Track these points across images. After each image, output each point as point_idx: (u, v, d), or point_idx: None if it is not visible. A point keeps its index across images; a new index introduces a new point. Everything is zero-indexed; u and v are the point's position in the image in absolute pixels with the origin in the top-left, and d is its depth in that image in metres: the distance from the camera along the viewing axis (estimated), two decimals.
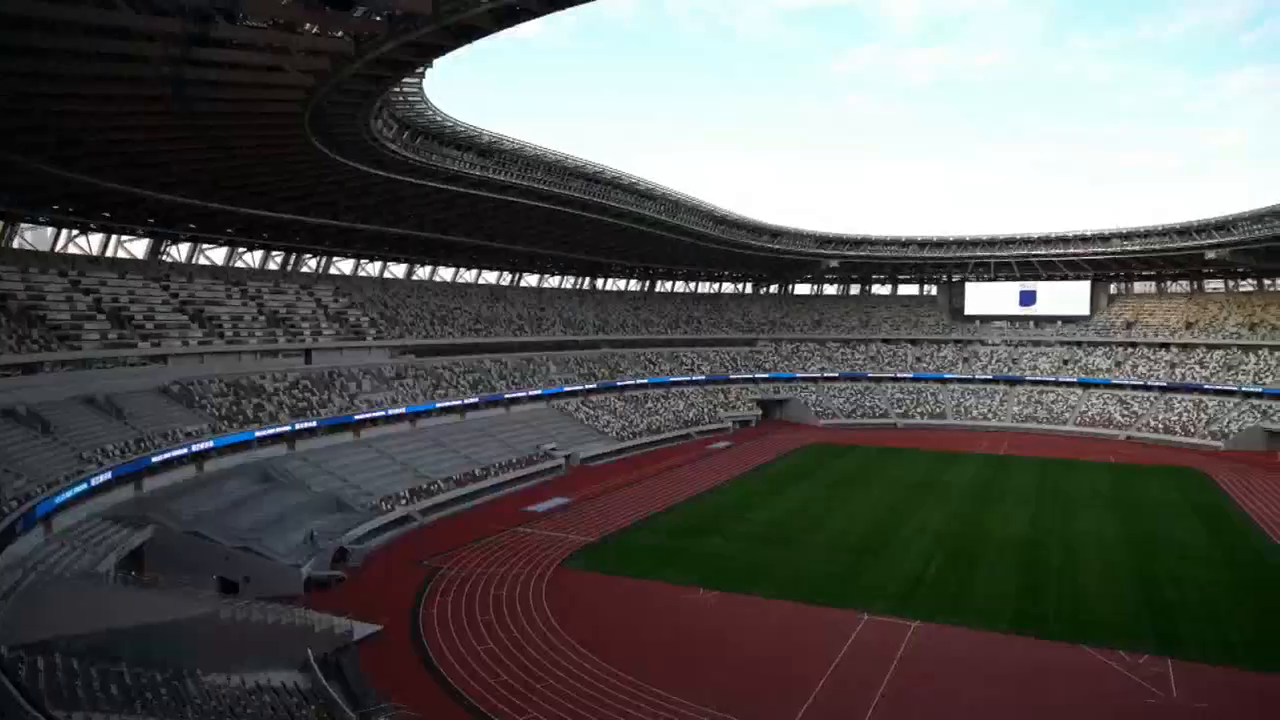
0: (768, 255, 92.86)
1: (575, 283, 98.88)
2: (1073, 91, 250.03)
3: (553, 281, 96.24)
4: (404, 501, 49.75)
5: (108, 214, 50.67)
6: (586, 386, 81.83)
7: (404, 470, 54.53)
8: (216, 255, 61.53)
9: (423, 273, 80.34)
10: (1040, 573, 39.11)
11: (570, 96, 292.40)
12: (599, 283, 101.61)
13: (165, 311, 52.31)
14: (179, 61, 27.05)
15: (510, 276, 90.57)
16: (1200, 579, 38.07)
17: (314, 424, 53.89)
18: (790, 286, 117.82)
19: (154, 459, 41.67)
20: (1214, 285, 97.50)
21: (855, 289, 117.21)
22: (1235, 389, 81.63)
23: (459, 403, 66.83)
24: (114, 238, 54.26)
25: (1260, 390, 79.56)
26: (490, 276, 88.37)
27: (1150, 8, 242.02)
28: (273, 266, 65.57)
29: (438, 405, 64.63)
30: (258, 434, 49.63)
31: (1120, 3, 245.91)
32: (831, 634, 31.48)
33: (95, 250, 53.76)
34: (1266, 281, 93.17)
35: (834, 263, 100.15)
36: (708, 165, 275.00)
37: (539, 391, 75.82)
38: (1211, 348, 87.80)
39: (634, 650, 29.97)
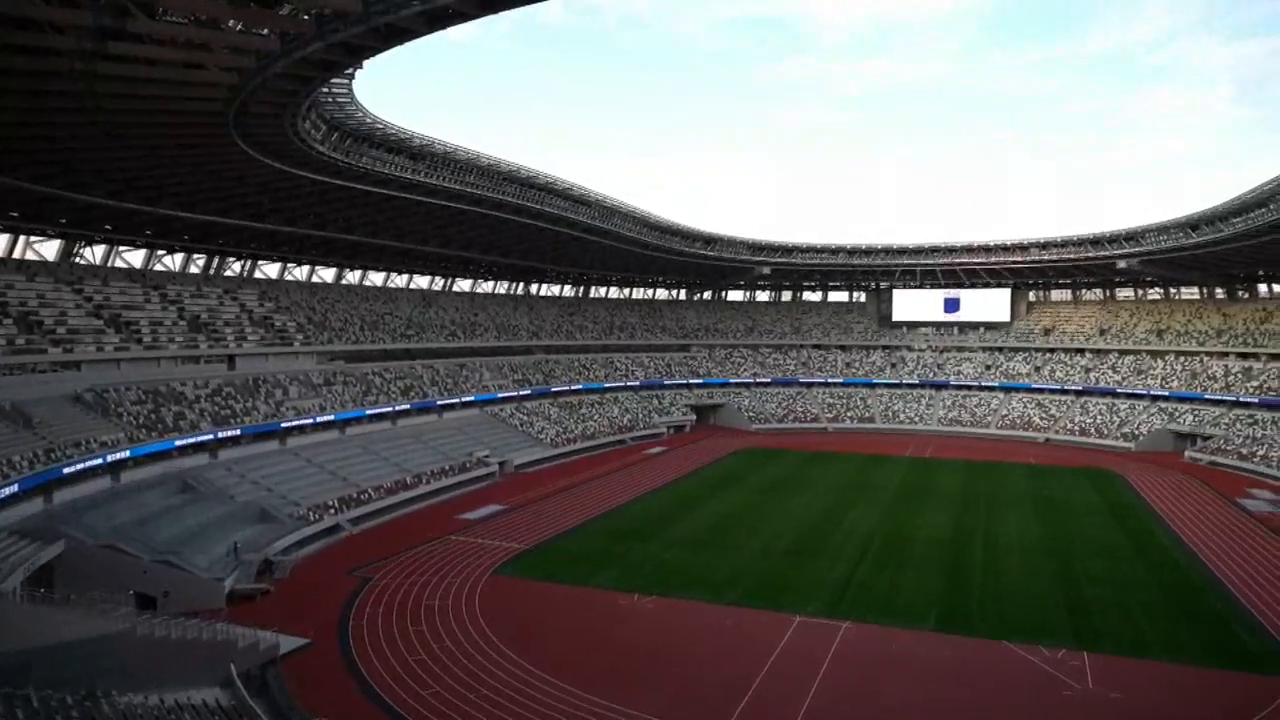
0: (702, 262, 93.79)
1: (509, 288, 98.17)
2: (997, 105, 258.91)
3: (486, 287, 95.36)
4: (333, 511, 48.60)
5: (15, 214, 48.37)
6: (521, 392, 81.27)
7: (333, 479, 53.30)
8: (134, 258, 59.40)
9: (353, 277, 78.79)
10: (965, 572, 40.28)
11: (504, 101, 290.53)
12: (533, 288, 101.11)
13: (78, 316, 50.15)
14: (92, 56, 26.00)
15: (443, 281, 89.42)
16: (1114, 575, 39.70)
17: (238, 432, 52.29)
18: (724, 293, 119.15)
19: (65, 470, 39.87)
20: (1125, 294, 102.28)
21: (787, 295, 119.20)
22: (1144, 393, 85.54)
23: (390, 409, 65.65)
24: (22, 238, 51.80)
25: (1167, 394, 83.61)
26: (422, 281, 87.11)
27: (1068, 26, 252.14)
28: (194, 270, 63.47)
29: (368, 412, 63.37)
30: (178, 443, 47.93)
31: (1040, 21, 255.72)
32: (766, 636, 31.83)
33: (1, 252, 51.27)
34: (1173, 290, 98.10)
35: (766, 270, 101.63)
36: (642, 172, 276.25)
37: (472, 398, 75.00)
38: (1123, 353, 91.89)
39: (570, 657, 29.82)
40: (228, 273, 65.83)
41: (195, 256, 63.04)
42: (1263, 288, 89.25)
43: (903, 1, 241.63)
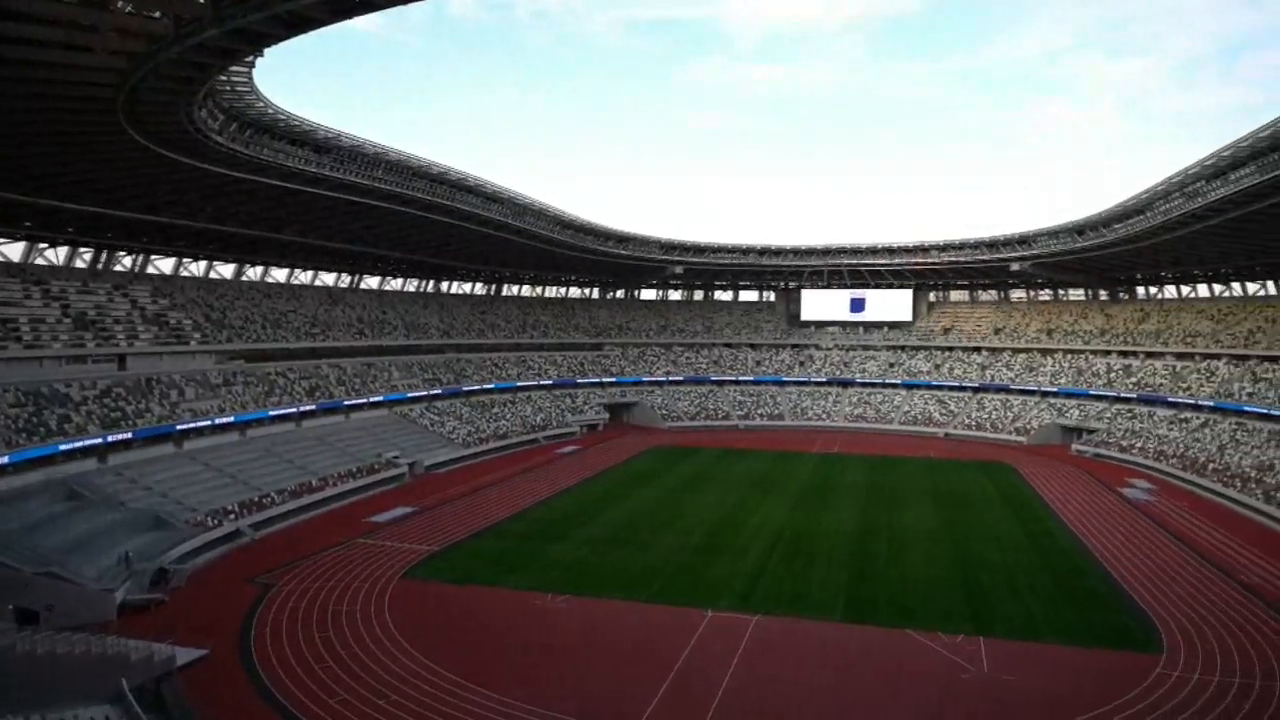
0: (615, 261, 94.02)
1: (419, 285, 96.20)
2: (899, 112, 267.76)
3: (395, 284, 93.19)
4: (233, 516, 46.77)
5: None
6: (431, 392, 79.85)
7: (233, 483, 51.29)
8: (12, 251, 55.66)
9: (253, 273, 75.80)
10: (870, 564, 41.59)
11: (414, 98, 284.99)
12: (444, 286, 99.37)
13: None
14: None
15: (350, 278, 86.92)
16: (1008, 563, 41.66)
17: (129, 435, 49.75)
18: (637, 291, 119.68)
19: None
20: (1018, 295, 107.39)
21: (699, 295, 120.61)
22: (1035, 389, 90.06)
23: (294, 410, 63.57)
24: None
25: (1056, 390, 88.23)
26: (328, 278, 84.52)
27: (963, 40, 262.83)
28: (81, 264, 59.95)
29: (271, 413, 61.21)
30: (62, 447, 45.24)
31: (936, 32, 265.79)
32: (679, 632, 32.18)
33: None
34: (1061, 292, 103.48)
35: (679, 269, 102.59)
36: (554, 170, 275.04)
37: (381, 398, 73.31)
38: (1016, 351, 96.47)
39: (482, 659, 29.52)
40: (118, 268, 62.37)
41: (81, 250, 59.56)
42: (1141, 290, 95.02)
43: (807, 9, 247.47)
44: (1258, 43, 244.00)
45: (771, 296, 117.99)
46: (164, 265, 66.56)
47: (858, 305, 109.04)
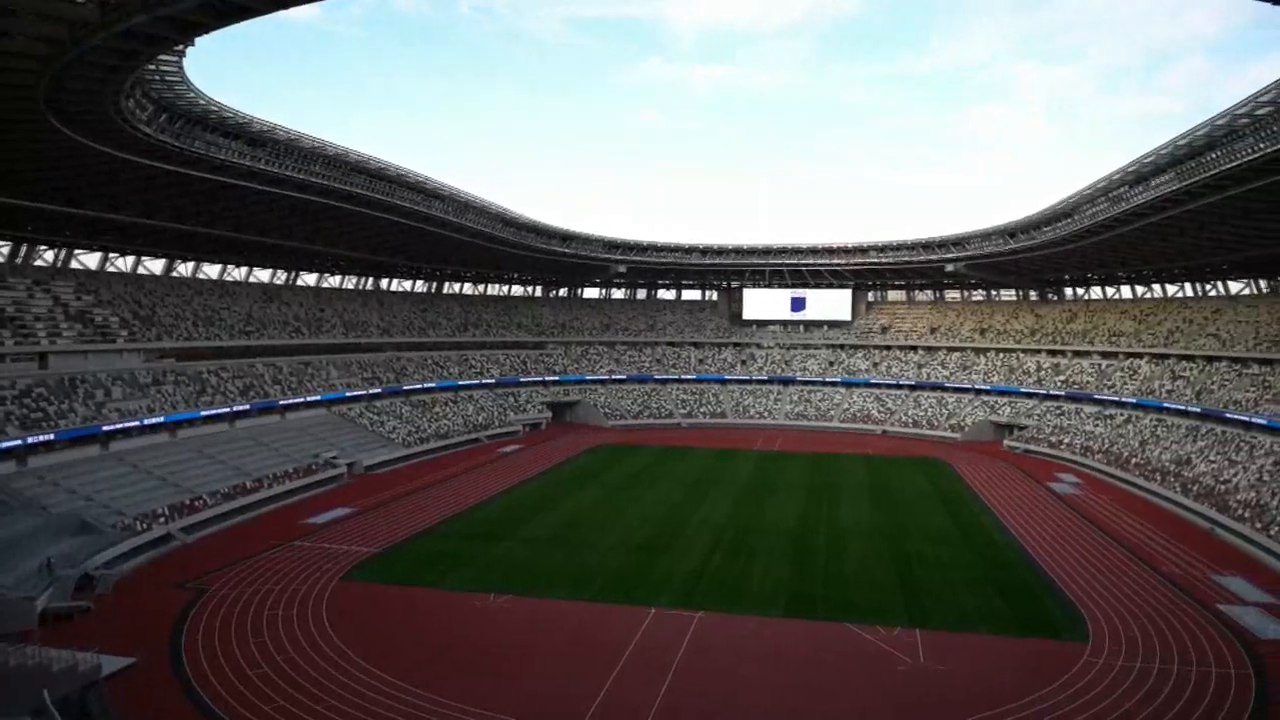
0: (558, 259, 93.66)
1: (358, 282, 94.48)
2: (839, 115, 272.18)
3: (333, 281, 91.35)
4: (163, 519, 45.31)
5: None
6: (370, 391, 78.51)
7: (163, 485, 49.72)
8: None
9: (184, 269, 73.52)
10: (810, 560, 42.25)
11: (353, 90, 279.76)
12: (384, 283, 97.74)
13: None
14: None
15: (286, 275, 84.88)
16: (943, 558, 42.74)
17: (51, 437, 47.83)
18: (580, 290, 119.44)
19: None
20: (953, 295, 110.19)
21: (642, 293, 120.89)
22: (969, 387, 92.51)
23: (228, 410, 61.87)
24: None
25: (989, 388, 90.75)
26: (263, 274, 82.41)
27: (903, 45, 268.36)
28: None
29: (203, 413, 59.46)
30: None
31: (878, 38, 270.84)
32: (622, 630, 32.25)
33: None
34: (994, 293, 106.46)
35: (622, 268, 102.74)
36: (496, 167, 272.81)
37: (318, 397, 71.81)
38: (951, 350, 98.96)
39: (423, 662, 29.15)
40: (38, 262, 59.89)
41: None
42: (1069, 291, 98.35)
43: (746, 11, 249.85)
44: (1177, 54, 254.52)
45: (714, 296, 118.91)
46: (89, 260, 64.25)
47: (798, 304, 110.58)
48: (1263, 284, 75.08)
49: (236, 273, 78.81)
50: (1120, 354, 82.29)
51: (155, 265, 70.40)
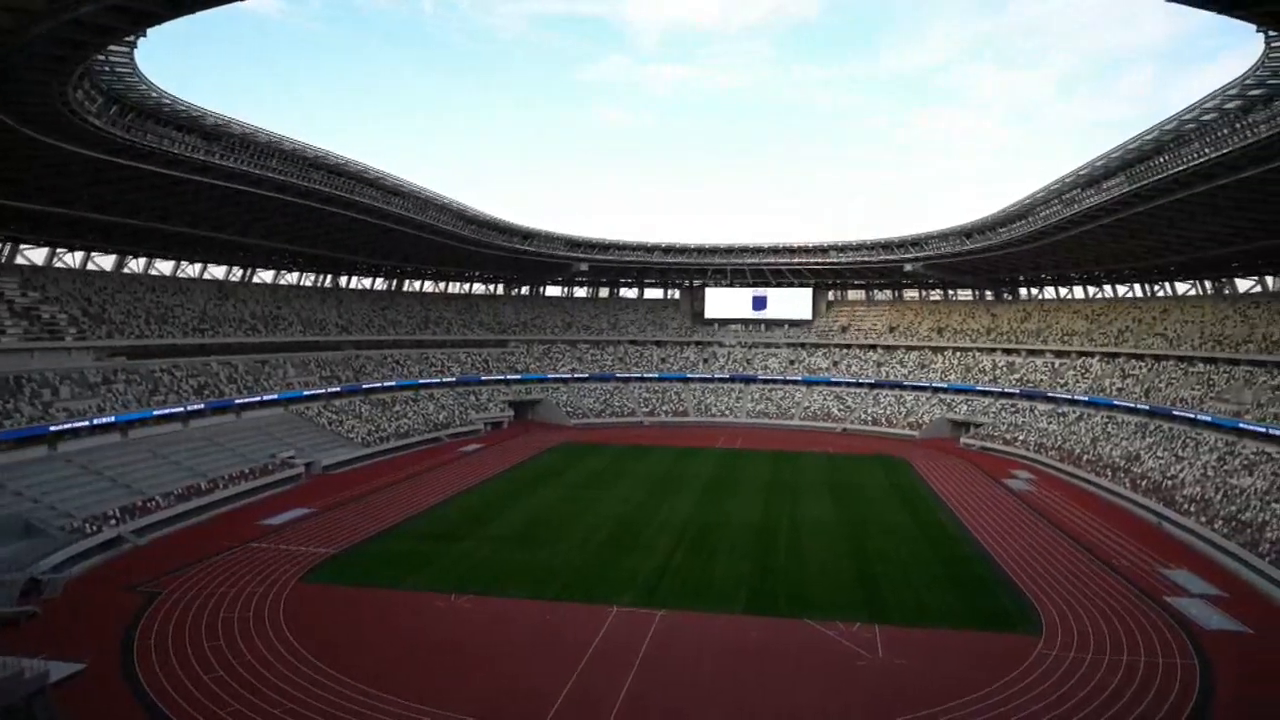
0: (520, 257, 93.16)
1: (316, 280, 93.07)
2: (798, 115, 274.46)
3: (291, 278, 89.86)
4: (114, 521, 44.23)
5: None
6: (329, 390, 77.43)
7: (114, 486, 48.54)
8: None
9: (136, 265, 71.80)
10: (771, 557, 42.59)
11: (313, 84, 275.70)
12: (343, 280, 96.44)
13: None
14: None
15: (242, 272, 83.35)
16: (900, 553, 43.36)
17: None
18: (542, 288, 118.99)
19: None
20: (911, 294, 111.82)
21: (605, 292, 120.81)
22: (927, 385, 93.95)
23: (181, 409, 60.55)
24: None
25: (946, 386, 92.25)
26: (218, 271, 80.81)
27: (862, 47, 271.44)
28: None
29: (155, 413, 58.13)
30: None
31: (836, 39, 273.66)
32: (584, 629, 32.23)
33: None
34: (951, 292, 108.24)
35: (584, 266, 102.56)
36: (458, 164, 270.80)
37: (276, 396, 70.63)
38: (909, 349, 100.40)
39: (384, 664, 28.85)
40: None
41: None
42: (1024, 292, 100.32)
43: (708, 12, 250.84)
44: (1131, 61, 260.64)
45: (676, 294, 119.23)
46: (35, 256, 62.47)
47: (760, 303, 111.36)
48: (1208, 285, 77.25)
49: (190, 269, 77.24)
50: (1073, 353, 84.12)
51: (106, 261, 68.70)
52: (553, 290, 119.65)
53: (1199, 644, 31.26)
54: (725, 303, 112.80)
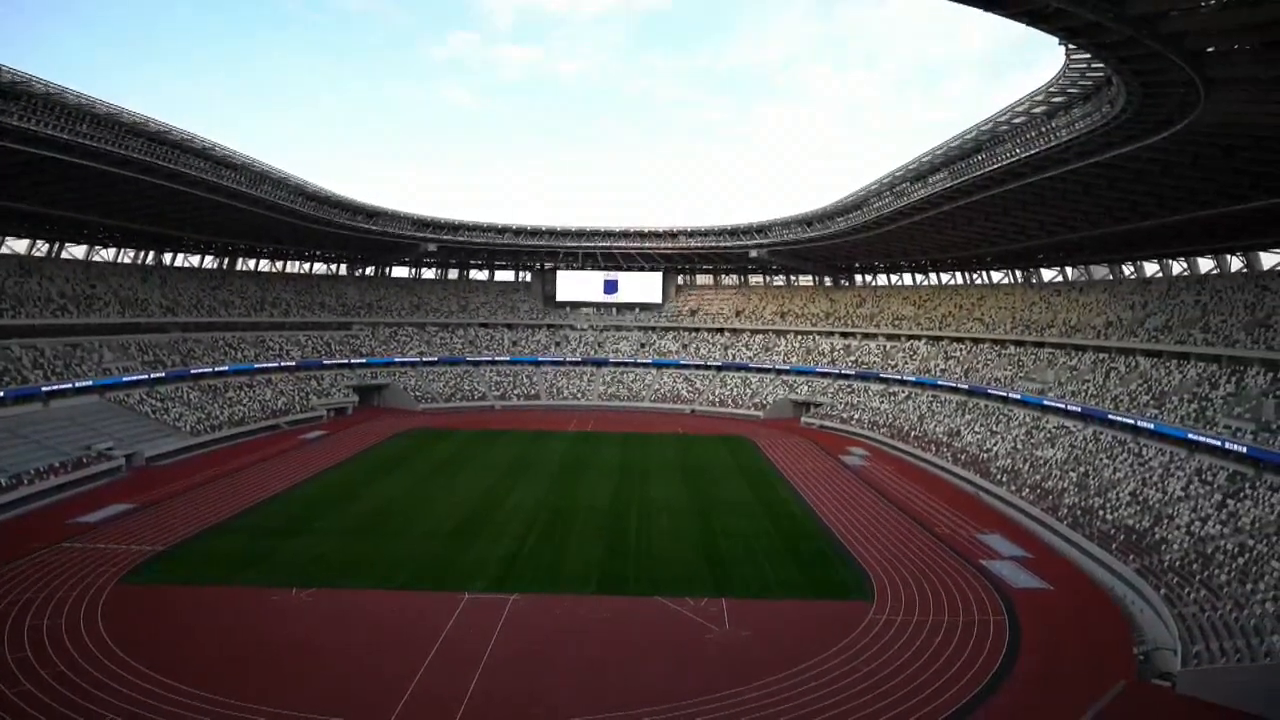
0: (364, 236, 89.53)
1: (136, 256, 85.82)
2: (646, 103, 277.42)
3: (107, 254, 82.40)
4: None
5: None
6: (152, 375, 71.85)
7: None
8: None
9: None
10: (622, 538, 43.29)
11: (142, 49, 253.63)
12: (166, 257, 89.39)
13: None
14: None
15: (48, 246, 75.73)
16: (745, 530, 45.13)
17: None
18: (388, 269, 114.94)
19: None
20: (756, 280, 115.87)
21: (454, 274, 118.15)
22: (771, 367, 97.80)
23: None
24: None
25: (788, 368, 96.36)
26: (19, 245, 73.08)
27: (708, 41, 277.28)
28: None
29: None
30: None
31: (685, 32, 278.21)
32: (435, 617, 31.72)
33: None
34: (793, 278, 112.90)
35: (432, 246, 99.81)
36: (297, 138, 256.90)
37: (90, 382, 64.88)
38: (754, 332, 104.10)
39: (219, 665, 27.28)
40: None
41: None
42: (859, 278, 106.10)
43: None
44: (954, 69, 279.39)
45: (528, 277, 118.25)
46: None
47: (611, 287, 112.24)
48: (1018, 274, 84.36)
49: None
50: (902, 336, 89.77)
51: None
52: (399, 271, 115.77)
53: (1010, 601, 34.38)
54: (577, 286, 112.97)
